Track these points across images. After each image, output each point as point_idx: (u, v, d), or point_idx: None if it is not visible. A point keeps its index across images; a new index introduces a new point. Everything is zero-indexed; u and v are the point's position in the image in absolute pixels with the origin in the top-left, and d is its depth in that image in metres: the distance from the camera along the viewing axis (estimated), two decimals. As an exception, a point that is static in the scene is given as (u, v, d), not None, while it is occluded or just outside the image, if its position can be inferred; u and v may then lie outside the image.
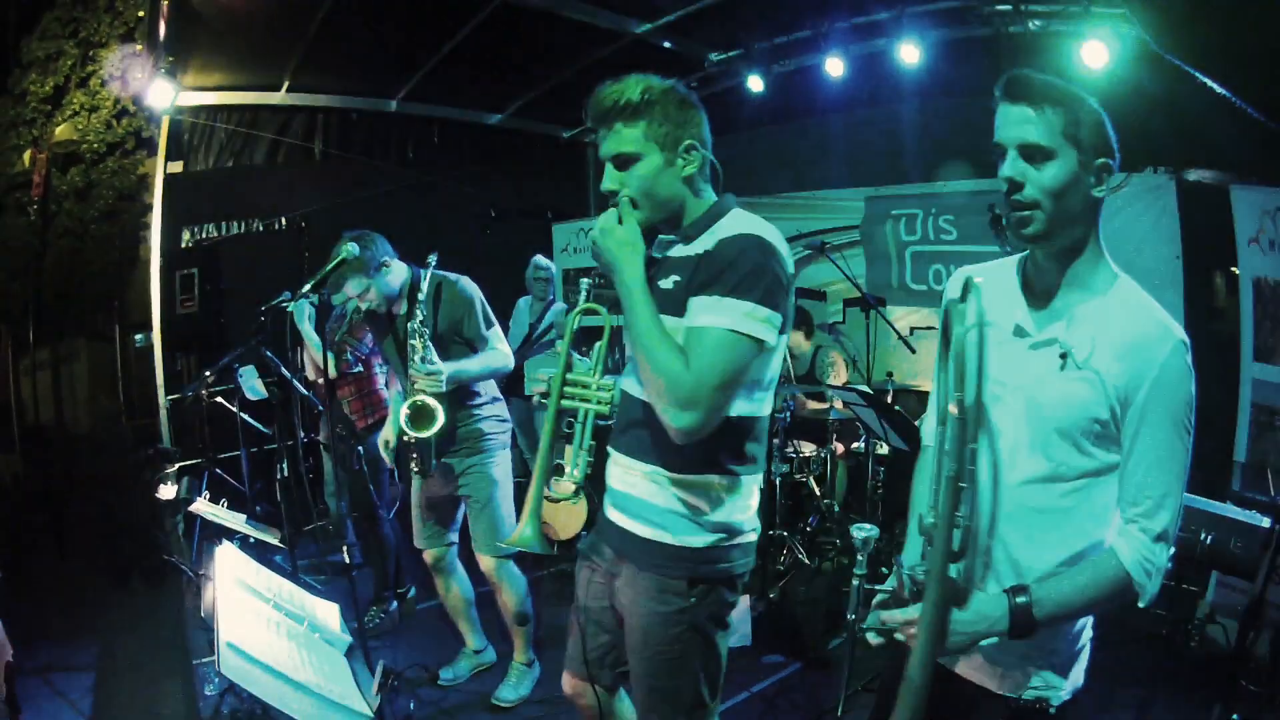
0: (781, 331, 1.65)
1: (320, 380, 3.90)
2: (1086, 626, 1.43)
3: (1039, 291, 1.41)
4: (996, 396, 1.40)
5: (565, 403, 1.77)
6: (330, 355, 3.69)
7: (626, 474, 1.76)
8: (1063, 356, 1.33)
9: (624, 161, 1.69)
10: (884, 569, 1.66)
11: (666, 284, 1.68)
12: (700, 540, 1.69)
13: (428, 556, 3.21)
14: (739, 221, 1.69)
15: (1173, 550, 1.31)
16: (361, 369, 3.88)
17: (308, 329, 3.85)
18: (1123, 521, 1.32)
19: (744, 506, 1.77)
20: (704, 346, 1.55)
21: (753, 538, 1.80)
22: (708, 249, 1.65)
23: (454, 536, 3.23)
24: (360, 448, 3.84)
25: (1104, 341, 1.30)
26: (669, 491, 1.69)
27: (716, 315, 1.56)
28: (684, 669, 1.72)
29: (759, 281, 1.57)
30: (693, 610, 1.69)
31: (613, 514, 1.80)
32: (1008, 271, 1.48)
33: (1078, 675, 1.43)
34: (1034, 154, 1.30)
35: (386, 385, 3.91)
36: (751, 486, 1.78)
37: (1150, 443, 1.29)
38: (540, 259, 5.25)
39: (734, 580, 1.76)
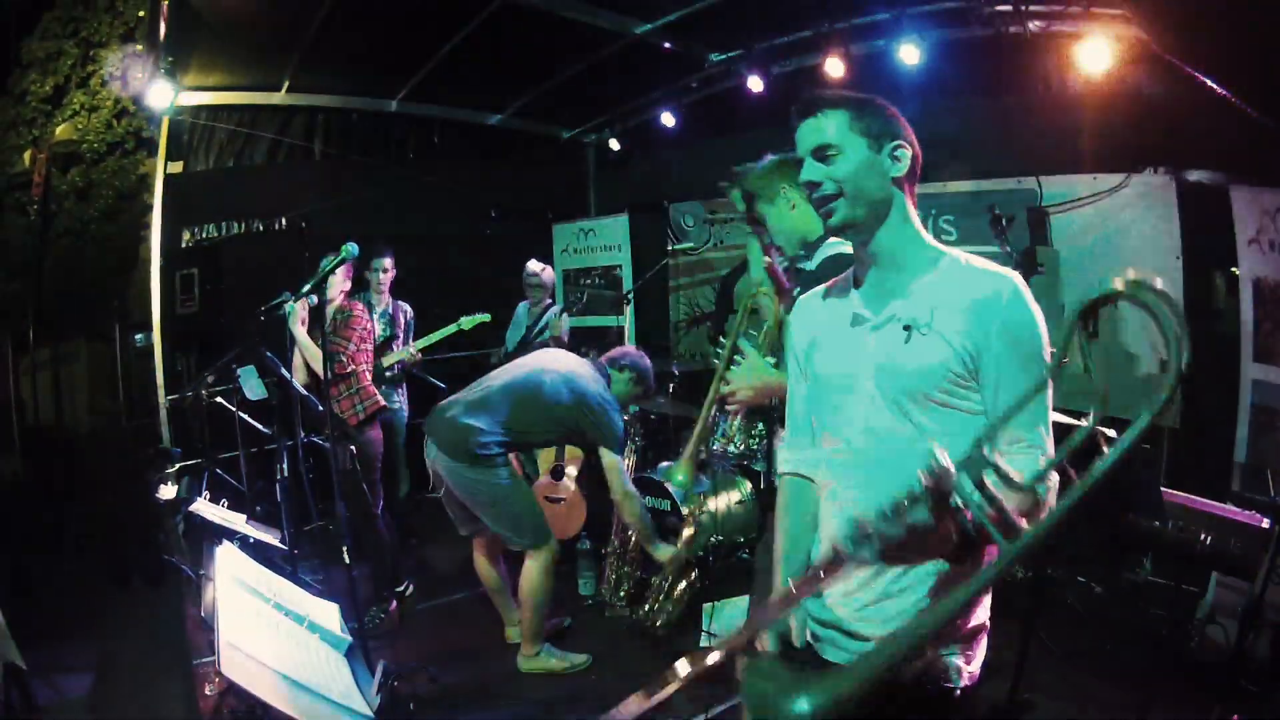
0: None
1: (311, 381, 3.91)
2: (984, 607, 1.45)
3: (868, 283, 1.51)
4: (847, 387, 1.48)
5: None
6: (313, 348, 3.73)
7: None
8: (906, 329, 1.41)
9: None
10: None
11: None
12: None
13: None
14: None
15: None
16: (352, 367, 3.89)
17: (300, 331, 3.84)
18: (1006, 448, 1.29)
19: None
20: None
21: None
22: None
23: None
24: (353, 446, 3.84)
25: (944, 307, 1.39)
26: None
27: None
28: None
29: None
30: None
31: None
32: (840, 281, 1.61)
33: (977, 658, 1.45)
34: (822, 152, 1.45)
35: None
36: None
37: (1013, 385, 1.35)
38: (532, 264, 5.24)
39: None
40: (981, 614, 1.45)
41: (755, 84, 5.53)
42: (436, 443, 3.38)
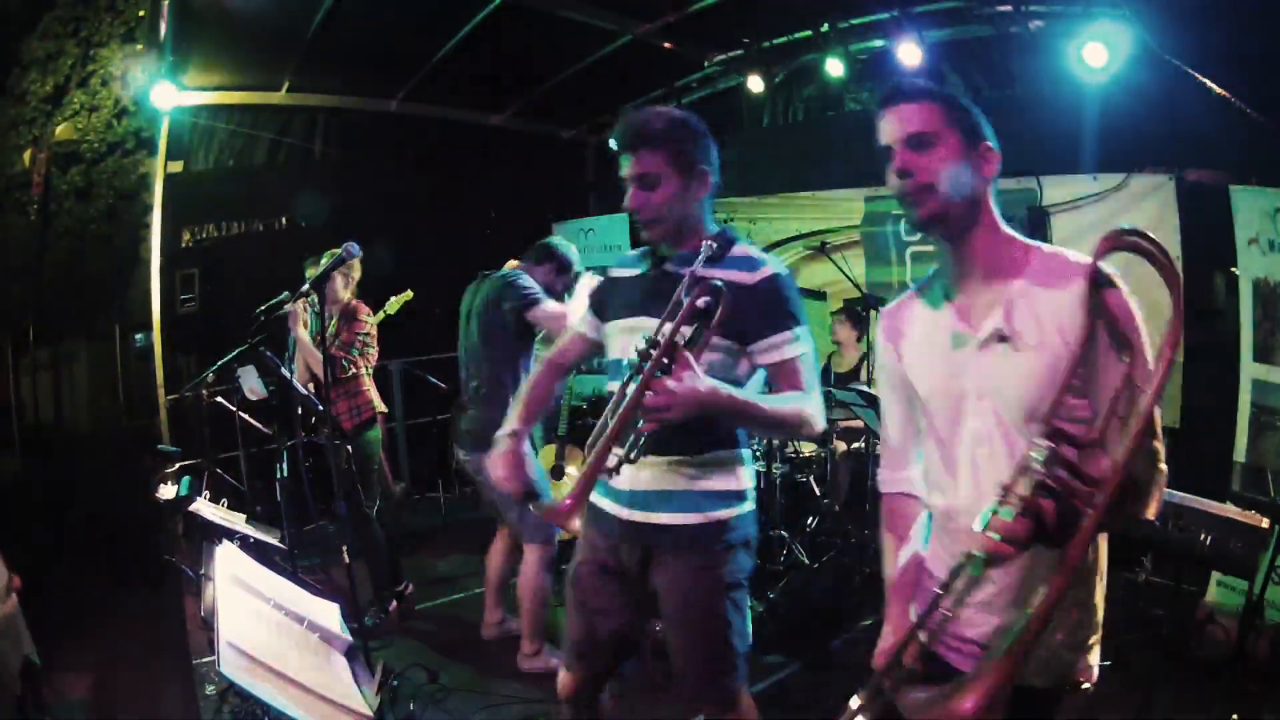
0: None
1: (312, 384, 3.91)
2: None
3: (962, 294, 1.44)
4: (956, 412, 1.42)
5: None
6: (316, 351, 3.70)
7: (643, 470, 1.87)
8: (1012, 341, 1.35)
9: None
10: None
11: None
12: (723, 513, 1.92)
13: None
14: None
15: None
16: (354, 370, 3.89)
17: (301, 332, 3.83)
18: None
19: (751, 475, 2.03)
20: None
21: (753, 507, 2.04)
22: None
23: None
24: (349, 447, 3.83)
25: (1044, 308, 1.34)
26: (693, 475, 1.89)
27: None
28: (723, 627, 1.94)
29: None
30: (725, 572, 1.92)
31: (631, 513, 1.94)
32: (926, 291, 1.52)
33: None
34: (918, 141, 1.37)
35: None
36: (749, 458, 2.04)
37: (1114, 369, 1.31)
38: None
39: (750, 544, 2.02)
40: (1098, 611, 1.44)
41: (755, 84, 5.53)
42: (459, 442, 3.49)
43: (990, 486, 1.30)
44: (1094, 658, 1.43)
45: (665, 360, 1.67)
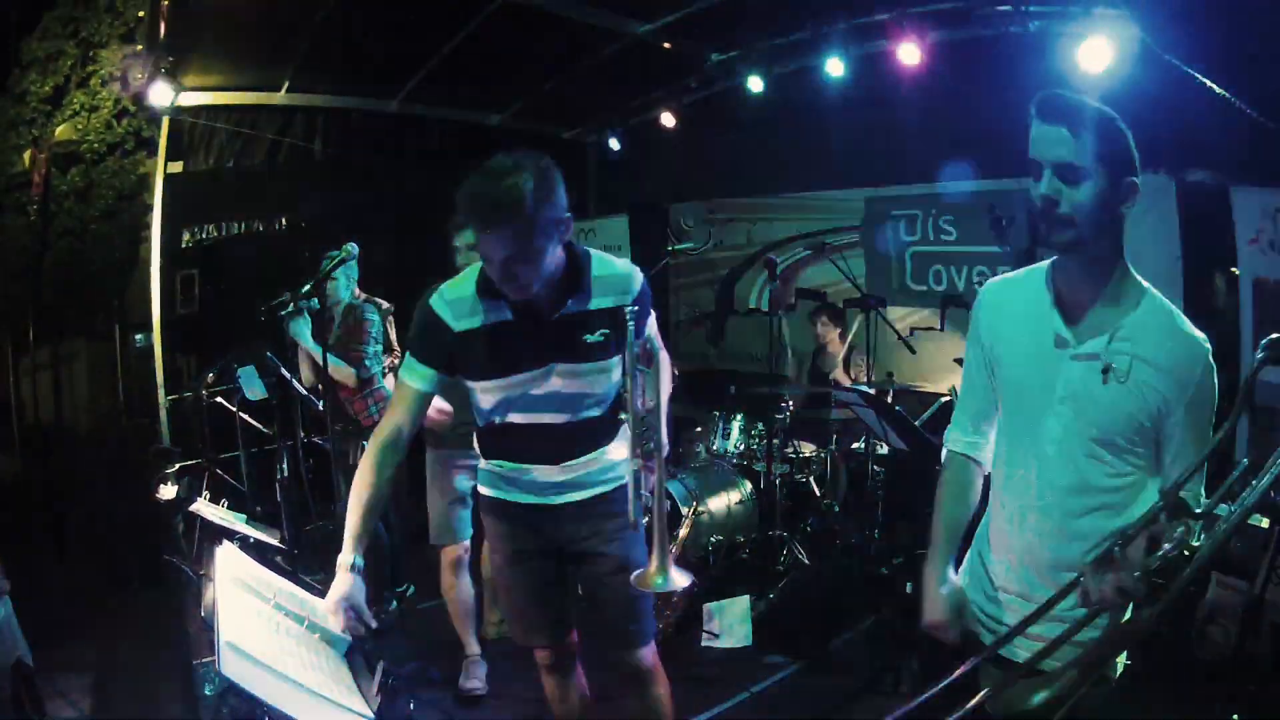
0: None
1: (320, 386, 3.88)
2: None
3: (1072, 304, 1.51)
4: (1038, 406, 1.53)
5: None
6: (340, 363, 3.65)
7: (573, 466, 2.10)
8: (1106, 370, 1.45)
9: None
10: (883, 569, 1.72)
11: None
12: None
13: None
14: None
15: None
16: (367, 373, 3.86)
17: (307, 336, 3.80)
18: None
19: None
20: None
21: None
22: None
23: None
24: (365, 443, 3.80)
25: (1142, 359, 1.43)
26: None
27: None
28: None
29: None
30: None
31: (568, 495, 2.13)
32: (1036, 282, 1.58)
33: None
34: (1069, 173, 1.39)
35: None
36: None
37: (1190, 438, 1.46)
38: None
39: None
40: None
41: (755, 84, 5.53)
42: None
43: (1050, 482, 1.51)
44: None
45: None
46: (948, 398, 4.38)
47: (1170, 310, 1.48)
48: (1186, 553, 1.16)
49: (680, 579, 1.82)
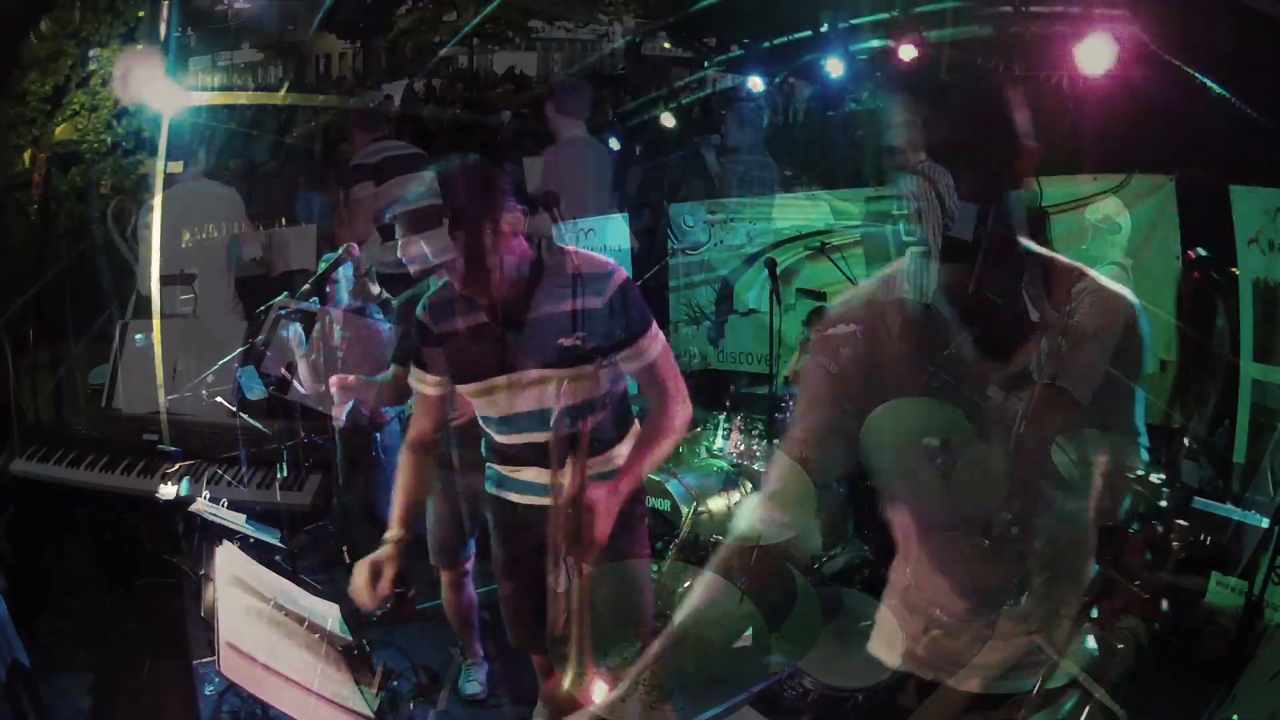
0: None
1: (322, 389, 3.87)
2: None
3: None
4: None
5: None
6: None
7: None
8: None
9: None
10: (884, 570, 1.69)
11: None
12: None
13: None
14: None
15: None
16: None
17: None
18: None
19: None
20: None
21: None
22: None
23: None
24: (378, 435, 3.77)
25: None
26: None
27: None
28: None
29: None
30: None
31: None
32: None
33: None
34: None
35: None
36: None
37: None
38: None
39: None
40: None
41: (755, 84, 5.54)
42: None
43: None
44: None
45: None
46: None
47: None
48: None
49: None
